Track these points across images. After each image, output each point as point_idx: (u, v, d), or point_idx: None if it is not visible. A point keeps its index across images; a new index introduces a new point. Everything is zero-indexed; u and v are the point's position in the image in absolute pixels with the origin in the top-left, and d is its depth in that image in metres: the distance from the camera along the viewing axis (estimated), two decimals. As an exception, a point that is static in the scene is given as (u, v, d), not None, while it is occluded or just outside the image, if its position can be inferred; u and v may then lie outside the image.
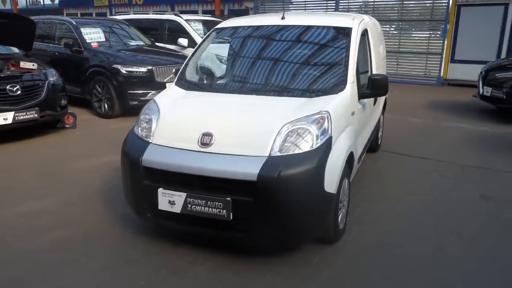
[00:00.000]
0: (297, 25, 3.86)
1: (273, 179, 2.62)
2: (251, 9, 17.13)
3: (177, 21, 10.06)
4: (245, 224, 2.74)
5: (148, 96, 7.34)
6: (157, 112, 3.23)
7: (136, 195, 3.04)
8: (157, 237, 3.30)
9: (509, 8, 11.62)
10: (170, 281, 2.76)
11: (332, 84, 3.33)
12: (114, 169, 4.83)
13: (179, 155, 2.88)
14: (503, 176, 4.67)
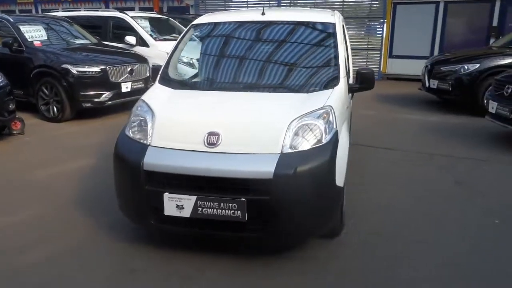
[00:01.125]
0: (282, 21, 3.84)
1: (289, 176, 2.59)
2: (191, 6, 16.83)
3: (123, 18, 9.59)
4: (261, 224, 2.67)
5: (103, 98, 6.96)
6: (150, 112, 3.05)
7: (137, 202, 2.84)
8: (154, 244, 3.13)
9: (439, 5, 12.50)
10: (186, 288, 2.64)
11: (327, 79, 3.35)
12: (81, 175, 4.55)
13: (185, 157, 2.74)
14: (466, 162, 5.01)
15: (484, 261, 2.93)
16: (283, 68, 3.50)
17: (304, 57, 3.57)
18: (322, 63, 3.50)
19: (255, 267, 2.85)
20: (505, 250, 3.07)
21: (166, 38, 9.98)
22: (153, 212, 2.81)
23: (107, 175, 4.56)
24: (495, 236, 3.28)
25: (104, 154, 5.31)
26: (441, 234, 3.30)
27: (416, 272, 2.79)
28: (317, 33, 3.72)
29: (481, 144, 5.73)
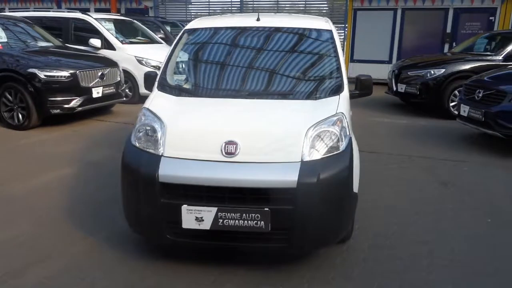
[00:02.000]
0: (280, 27, 3.81)
1: (313, 185, 2.57)
2: (150, 8, 16.46)
3: (86, 20, 9.21)
4: (284, 234, 2.63)
5: (73, 103, 6.62)
6: (158, 121, 2.92)
7: (151, 215, 2.70)
8: (162, 258, 2.99)
9: (397, 12, 13.03)
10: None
11: (331, 86, 3.37)
12: (62, 187, 4.32)
13: (203, 167, 2.65)
14: (446, 163, 5.23)
15: (488, 259, 3.06)
16: (287, 75, 3.48)
17: (306, 64, 3.57)
18: (325, 70, 3.52)
19: (277, 277, 2.80)
20: (504, 247, 3.23)
21: (133, 41, 9.70)
22: (170, 226, 2.69)
23: (92, 185, 4.37)
24: (491, 234, 3.44)
25: (82, 163, 5.06)
26: (441, 234, 3.41)
27: (430, 275, 2.86)
28: (317, 40, 3.73)
29: (456, 146, 6.02)
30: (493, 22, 12.09)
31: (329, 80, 3.44)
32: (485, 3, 12.07)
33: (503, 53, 7.79)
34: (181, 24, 13.36)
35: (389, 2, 13.05)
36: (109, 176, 4.64)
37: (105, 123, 7.31)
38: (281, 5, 14.29)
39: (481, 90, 5.72)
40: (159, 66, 8.99)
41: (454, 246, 3.23)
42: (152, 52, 9.18)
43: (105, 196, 4.08)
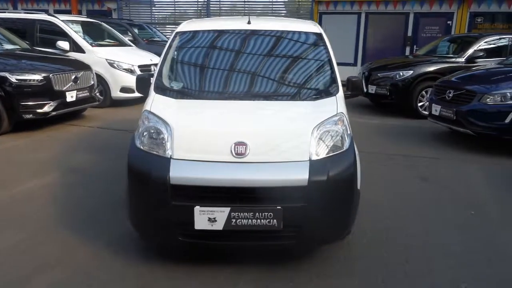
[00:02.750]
0: (272, 30, 3.89)
1: (322, 183, 2.66)
2: (114, 10, 16.11)
3: (53, 22, 8.91)
4: (295, 231, 2.70)
5: (46, 108, 6.40)
6: (163, 123, 2.92)
7: (162, 218, 2.70)
8: (170, 261, 2.99)
9: (361, 16, 13.48)
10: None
11: (327, 87, 3.48)
12: (50, 194, 4.20)
13: (215, 168, 2.68)
14: (422, 160, 5.49)
15: (480, 248, 3.26)
16: (285, 76, 3.56)
17: (302, 66, 3.67)
18: (320, 72, 3.62)
19: (285, 274, 2.86)
20: (490, 237, 3.46)
21: (102, 43, 9.48)
22: (181, 228, 2.70)
23: (79, 192, 4.26)
24: (478, 225, 3.67)
25: (64, 169, 4.92)
26: (432, 227, 3.60)
27: (431, 264, 3.02)
28: (309, 42, 3.84)
29: (429, 143, 6.33)
30: (450, 26, 12.77)
31: (325, 81, 3.55)
32: (443, 8, 12.73)
33: (465, 56, 8.26)
34: (147, 26, 13.17)
35: (353, 6, 13.48)
36: (95, 181, 4.54)
37: (79, 127, 7.11)
38: (248, 8, 14.41)
39: (451, 91, 6.05)
40: (131, 69, 8.87)
41: (446, 237, 3.42)
42: (123, 55, 9.03)
43: (95, 202, 4.00)
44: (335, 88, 3.47)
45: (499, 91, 5.49)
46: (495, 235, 3.50)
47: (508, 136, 5.47)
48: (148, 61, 9.24)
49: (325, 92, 3.43)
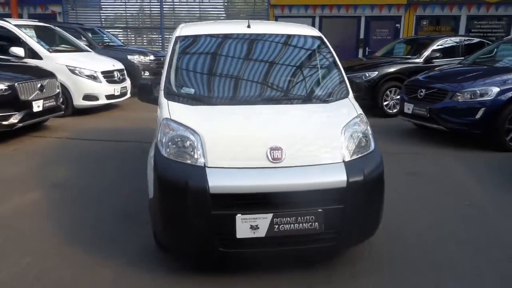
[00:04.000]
0: (275, 34, 3.89)
1: (360, 183, 2.70)
2: (59, 13, 15.29)
3: (4, 27, 8.28)
4: (334, 232, 2.72)
5: (12, 119, 5.94)
6: (190, 131, 2.82)
7: (201, 230, 2.60)
8: (206, 273, 2.90)
9: (315, 20, 13.84)
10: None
11: (339, 89, 3.53)
12: (38, 213, 3.92)
13: (253, 175, 2.63)
14: (403, 156, 5.75)
15: (484, 235, 3.48)
16: (296, 80, 3.58)
17: (310, 69, 3.71)
18: (329, 74, 3.68)
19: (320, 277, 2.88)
20: (490, 224, 3.70)
21: (59, 49, 8.96)
22: (221, 238, 2.62)
23: (75, 207, 4.01)
24: (476, 214, 3.90)
25: (46, 184, 4.60)
26: (434, 219, 3.77)
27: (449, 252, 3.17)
28: (313, 46, 3.89)
29: (404, 140, 6.65)
30: (399, 29, 13.49)
31: (335, 83, 3.61)
32: (392, 12, 13.41)
33: (423, 57, 8.77)
34: (99, 30, 12.62)
35: (307, 10, 13.83)
36: (84, 196, 4.30)
37: (46, 139, 6.66)
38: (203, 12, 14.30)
39: (423, 90, 6.39)
40: (93, 75, 8.46)
41: (451, 227, 3.61)
42: (84, 61, 8.60)
43: (95, 217, 3.79)
44: (345, 90, 3.55)
45: (469, 89, 5.88)
46: (494, 222, 3.75)
47: (478, 130, 5.87)
48: (111, 67, 8.87)
49: (337, 94, 3.49)
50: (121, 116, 8.59)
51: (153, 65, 11.06)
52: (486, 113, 5.73)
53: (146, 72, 10.90)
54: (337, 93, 3.51)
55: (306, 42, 3.92)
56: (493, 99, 5.73)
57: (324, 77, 3.68)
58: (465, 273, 2.95)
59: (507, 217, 3.88)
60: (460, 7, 12.95)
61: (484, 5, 12.81)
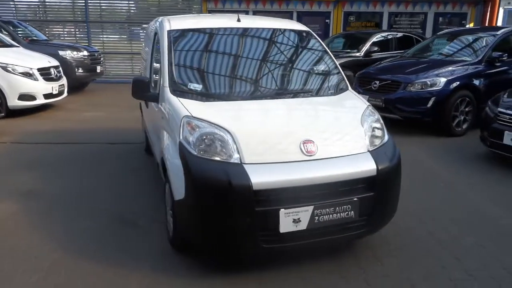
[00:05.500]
0: (268, 28, 3.89)
1: (387, 170, 2.84)
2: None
3: None
4: (365, 219, 2.83)
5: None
6: (219, 128, 2.74)
7: (244, 228, 2.55)
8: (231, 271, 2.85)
9: (248, 14, 13.92)
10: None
11: (338, 82, 3.66)
12: (22, 225, 3.57)
13: (291, 169, 2.64)
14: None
15: (464, 209, 3.86)
16: (304, 73, 3.65)
17: (310, 62, 3.78)
18: (327, 67, 3.77)
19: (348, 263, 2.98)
20: (469, 198, 4.10)
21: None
22: (265, 234, 2.60)
23: (60, 216, 3.69)
24: (452, 192, 4.30)
25: (13, 194, 4.17)
26: (421, 202, 4.07)
27: (449, 228, 3.46)
28: (306, 40, 3.96)
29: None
30: (329, 24, 14.08)
31: (335, 75, 3.72)
32: (322, 8, 13.95)
33: (363, 51, 9.31)
34: (19, 23, 11.46)
35: (241, 5, 13.86)
36: (63, 203, 3.98)
37: (-14, 145, 5.96)
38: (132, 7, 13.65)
39: (377, 81, 6.80)
40: (29, 73, 7.70)
41: (440, 207, 3.94)
42: (17, 57, 7.82)
43: (89, 227, 3.52)
44: (344, 82, 3.68)
45: (420, 80, 6.39)
46: (471, 196, 4.17)
47: (430, 118, 6.42)
48: (47, 64, 8.15)
49: (340, 86, 3.61)
50: (62, 116, 7.94)
51: (87, 61, 10.37)
52: (435, 102, 6.28)
53: (80, 69, 10.18)
54: (340, 85, 3.63)
55: (299, 36, 3.99)
56: (441, 89, 6.29)
57: (326, 70, 3.77)
58: (467, 244, 3.26)
59: (476, 191, 4.32)
60: (383, 4, 13.89)
61: (403, 2, 13.89)
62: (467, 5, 13.95)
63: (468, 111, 6.55)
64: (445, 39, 7.89)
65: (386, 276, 2.84)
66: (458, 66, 6.58)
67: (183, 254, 3.05)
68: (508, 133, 4.79)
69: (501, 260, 3.04)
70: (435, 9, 13.96)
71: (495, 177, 4.81)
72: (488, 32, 7.35)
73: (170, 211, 3.02)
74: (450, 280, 2.80)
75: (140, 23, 13.45)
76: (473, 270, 2.92)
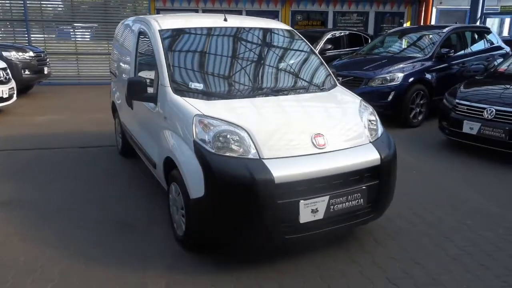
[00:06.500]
0: (259, 28, 3.98)
1: (388, 159, 3.06)
2: None
3: None
4: (371, 206, 3.02)
5: None
6: (233, 126, 2.80)
7: (267, 220, 2.64)
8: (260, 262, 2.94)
9: (198, 13, 13.85)
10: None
11: (328, 79, 3.84)
12: (9, 237, 3.40)
13: (307, 161, 2.77)
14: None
15: (438, 191, 4.22)
16: (297, 70, 3.79)
17: (300, 60, 3.93)
18: (315, 65, 3.93)
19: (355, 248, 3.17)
20: (440, 181, 4.48)
21: None
22: (286, 226, 2.71)
23: (56, 225, 3.59)
24: (425, 178, 4.66)
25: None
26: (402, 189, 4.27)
27: (436, 211, 3.78)
28: (291, 38, 4.10)
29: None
30: (277, 23, 14.38)
31: (322, 73, 3.89)
32: (270, 7, 14.24)
33: (318, 48, 9.64)
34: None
35: (190, 3, 13.76)
36: (50, 212, 3.80)
37: None
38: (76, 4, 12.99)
39: (340, 78, 7.10)
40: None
41: (419, 192, 4.27)
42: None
43: (88, 233, 3.42)
44: (332, 80, 3.87)
45: (380, 75, 6.79)
46: (443, 180, 4.56)
47: (390, 111, 6.84)
48: (-4, 65, 7.62)
49: (330, 82, 3.80)
50: (16, 121, 7.45)
51: (34, 62, 9.79)
52: (395, 96, 6.72)
53: (27, 71, 9.59)
54: (329, 81, 3.81)
55: (287, 35, 4.13)
56: (400, 84, 6.74)
57: (315, 67, 3.93)
58: (453, 224, 3.58)
59: (447, 176, 4.73)
60: (328, 4, 14.45)
61: (346, 2, 14.55)
62: (404, 5, 14.91)
63: (422, 103, 7.07)
64: (396, 37, 8.42)
65: (392, 258, 3.06)
66: (412, 62, 7.09)
67: (194, 252, 3.08)
68: (467, 122, 5.27)
69: (485, 236, 3.38)
70: (375, 8, 14.77)
71: (459, 162, 5.26)
72: (434, 30, 7.95)
73: (181, 210, 3.03)
74: (448, 256, 3.08)
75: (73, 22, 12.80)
76: (464, 246, 3.23)
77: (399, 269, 2.92)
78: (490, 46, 8.38)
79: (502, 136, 4.95)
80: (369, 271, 2.89)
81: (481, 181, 4.61)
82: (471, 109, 5.31)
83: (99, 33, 13.34)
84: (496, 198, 4.13)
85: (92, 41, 13.63)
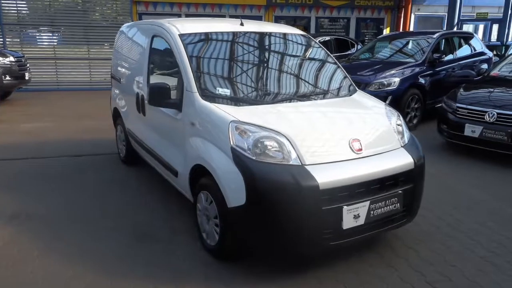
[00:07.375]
0: (273, 32, 3.95)
1: (420, 163, 3.08)
2: None
3: None
4: (405, 210, 3.02)
5: None
6: (273, 132, 2.74)
7: (312, 227, 2.59)
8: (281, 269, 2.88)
9: (181, 17, 13.70)
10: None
11: (350, 84, 3.84)
12: (22, 253, 3.21)
13: (348, 167, 2.74)
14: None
15: (453, 193, 4.29)
16: (320, 75, 3.78)
17: (325, 64, 3.93)
18: (334, 69, 3.92)
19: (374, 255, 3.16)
20: (451, 185, 4.55)
21: None
22: (329, 232, 2.66)
23: (70, 239, 3.44)
24: (435, 181, 4.72)
25: (3, 217, 3.71)
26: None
27: (447, 218, 3.82)
28: (309, 44, 4.08)
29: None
30: (261, 28, 14.40)
31: (343, 78, 3.88)
32: (253, 12, 14.24)
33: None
34: None
35: (173, 8, 13.61)
36: (61, 225, 3.63)
37: None
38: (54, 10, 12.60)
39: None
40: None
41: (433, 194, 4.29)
42: None
43: (106, 247, 3.29)
44: (351, 83, 3.87)
45: (377, 80, 6.88)
46: (454, 183, 4.62)
47: (387, 115, 6.92)
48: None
49: (351, 87, 3.80)
50: (2, 129, 7.12)
51: (15, 68, 9.40)
52: (392, 100, 6.80)
53: (7, 76, 9.21)
54: (350, 86, 3.81)
55: (305, 40, 4.10)
56: (397, 88, 6.85)
57: (335, 72, 3.91)
58: (474, 226, 3.64)
59: (456, 179, 4.81)
60: (310, 9, 14.59)
61: (328, 8, 14.73)
62: (384, 11, 15.24)
63: (417, 107, 7.20)
64: (387, 42, 8.57)
65: (427, 261, 3.06)
66: (406, 67, 7.22)
67: (227, 262, 2.99)
68: (469, 125, 5.40)
69: (509, 237, 3.44)
70: (356, 14, 15.03)
71: (462, 164, 5.37)
72: (424, 36, 8.12)
73: (214, 220, 2.94)
74: (481, 258, 3.12)
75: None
76: (492, 248, 3.27)
77: (436, 273, 2.93)
78: (475, 51, 8.64)
79: (504, 139, 5.09)
80: (407, 276, 2.88)
81: (488, 182, 4.71)
82: (472, 112, 5.44)
83: (79, 38, 12.94)
84: (508, 199, 4.23)
85: (71, 45, 13.22)
